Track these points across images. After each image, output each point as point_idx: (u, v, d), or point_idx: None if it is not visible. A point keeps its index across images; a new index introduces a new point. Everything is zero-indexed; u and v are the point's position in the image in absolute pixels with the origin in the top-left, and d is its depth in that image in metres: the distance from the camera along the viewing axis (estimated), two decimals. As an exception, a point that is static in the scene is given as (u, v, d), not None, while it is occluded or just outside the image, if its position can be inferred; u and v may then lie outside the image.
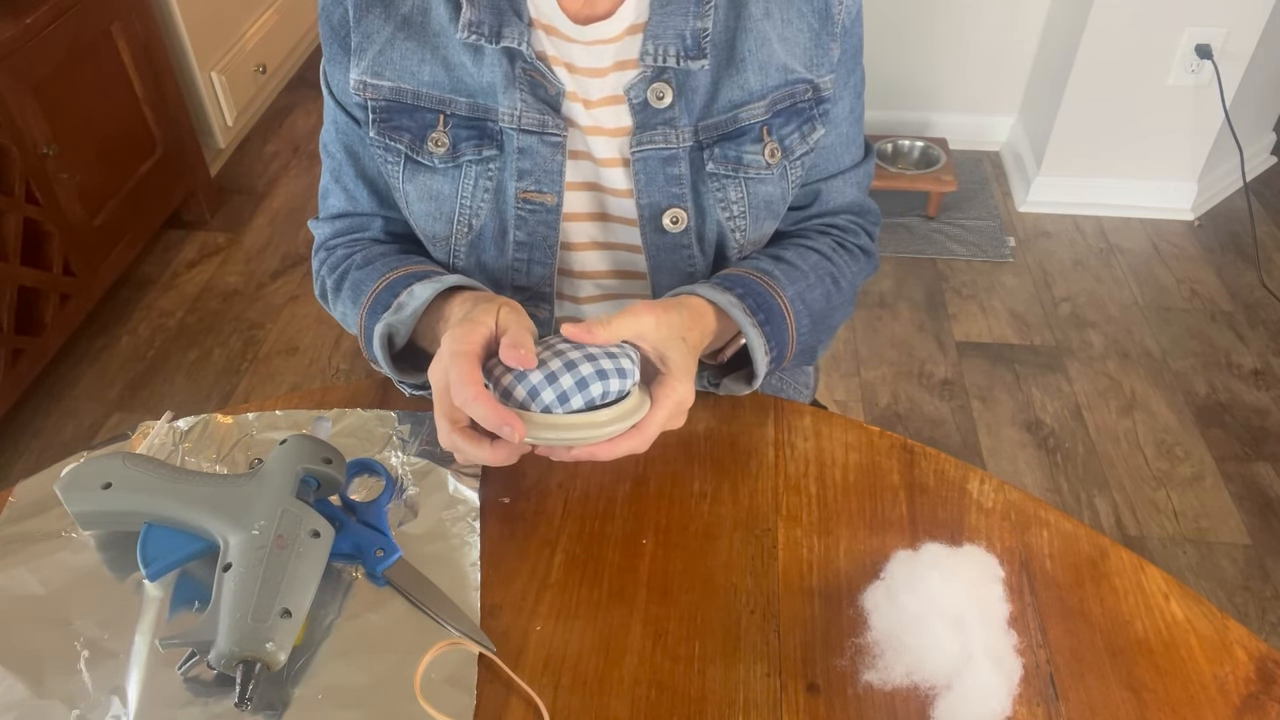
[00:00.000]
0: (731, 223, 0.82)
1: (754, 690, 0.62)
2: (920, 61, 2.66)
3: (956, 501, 0.74)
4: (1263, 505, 1.80)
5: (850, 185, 0.89)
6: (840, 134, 0.85)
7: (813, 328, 0.82)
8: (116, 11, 2.05)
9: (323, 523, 0.65)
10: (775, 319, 0.77)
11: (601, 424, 0.65)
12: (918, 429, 1.95)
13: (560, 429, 0.65)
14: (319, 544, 0.64)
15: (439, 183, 0.80)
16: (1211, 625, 0.66)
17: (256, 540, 0.62)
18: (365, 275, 0.82)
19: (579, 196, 0.82)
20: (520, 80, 0.76)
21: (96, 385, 2.05)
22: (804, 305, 0.81)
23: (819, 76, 0.80)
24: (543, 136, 0.78)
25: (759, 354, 0.76)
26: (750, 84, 0.78)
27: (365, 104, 0.78)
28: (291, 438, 0.70)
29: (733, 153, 0.80)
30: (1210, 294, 2.28)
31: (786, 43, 0.78)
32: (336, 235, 0.89)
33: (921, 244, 2.43)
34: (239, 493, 0.66)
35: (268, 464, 0.68)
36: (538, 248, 0.82)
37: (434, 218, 0.82)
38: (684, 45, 0.75)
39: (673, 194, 0.80)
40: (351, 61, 0.78)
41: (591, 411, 0.65)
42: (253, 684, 0.58)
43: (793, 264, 0.83)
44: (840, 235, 0.89)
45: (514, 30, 0.74)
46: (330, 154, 0.87)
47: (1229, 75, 2.25)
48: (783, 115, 0.80)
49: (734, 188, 0.81)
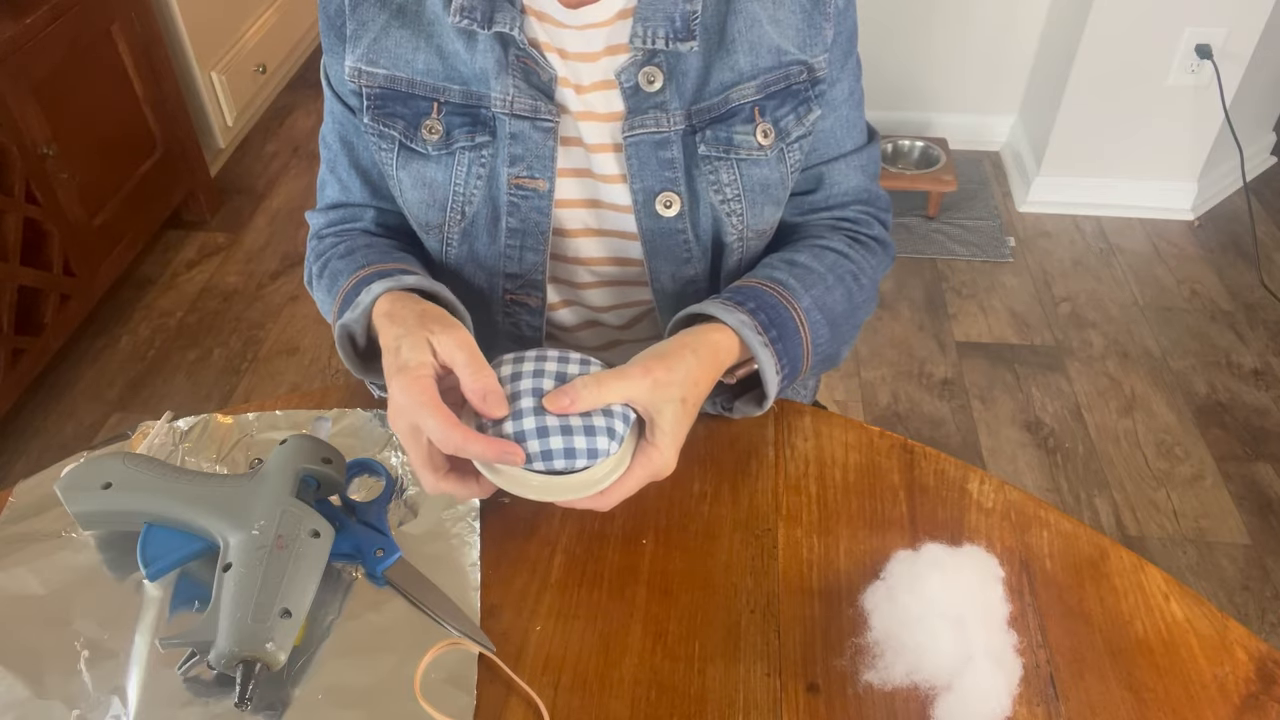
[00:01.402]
0: (725, 206, 0.82)
1: (754, 690, 0.62)
2: (920, 61, 2.66)
3: (956, 501, 0.74)
4: (1263, 505, 1.80)
5: (854, 170, 0.88)
6: (840, 117, 0.85)
7: (832, 334, 0.81)
8: (116, 11, 2.05)
9: (323, 523, 0.65)
10: (788, 334, 0.76)
11: (572, 488, 0.65)
12: (918, 429, 1.95)
13: (529, 488, 0.65)
14: (319, 544, 0.64)
15: (432, 170, 0.80)
16: (1211, 625, 0.66)
17: (256, 540, 0.62)
18: (344, 266, 0.82)
19: (571, 183, 0.82)
20: (513, 66, 0.77)
21: (96, 385, 2.05)
22: (821, 312, 0.79)
23: (812, 57, 0.80)
24: (534, 122, 0.78)
25: (769, 374, 0.74)
26: (741, 65, 0.78)
27: (360, 91, 0.79)
28: (291, 438, 0.70)
29: (724, 134, 0.79)
30: (1210, 294, 2.28)
31: (778, 24, 0.78)
32: (329, 225, 0.89)
33: (921, 244, 2.43)
34: (239, 493, 0.66)
35: (268, 464, 0.68)
36: (530, 234, 0.83)
37: (427, 205, 0.82)
38: (673, 27, 0.75)
39: (666, 178, 0.80)
40: (346, 49, 0.78)
41: (565, 475, 0.65)
42: (253, 684, 0.58)
43: (808, 268, 0.82)
44: (853, 229, 0.88)
45: (506, 16, 0.74)
46: (327, 145, 0.87)
47: (1229, 75, 2.25)
48: (776, 97, 0.80)
49: (725, 170, 0.81)
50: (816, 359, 0.80)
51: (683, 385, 0.69)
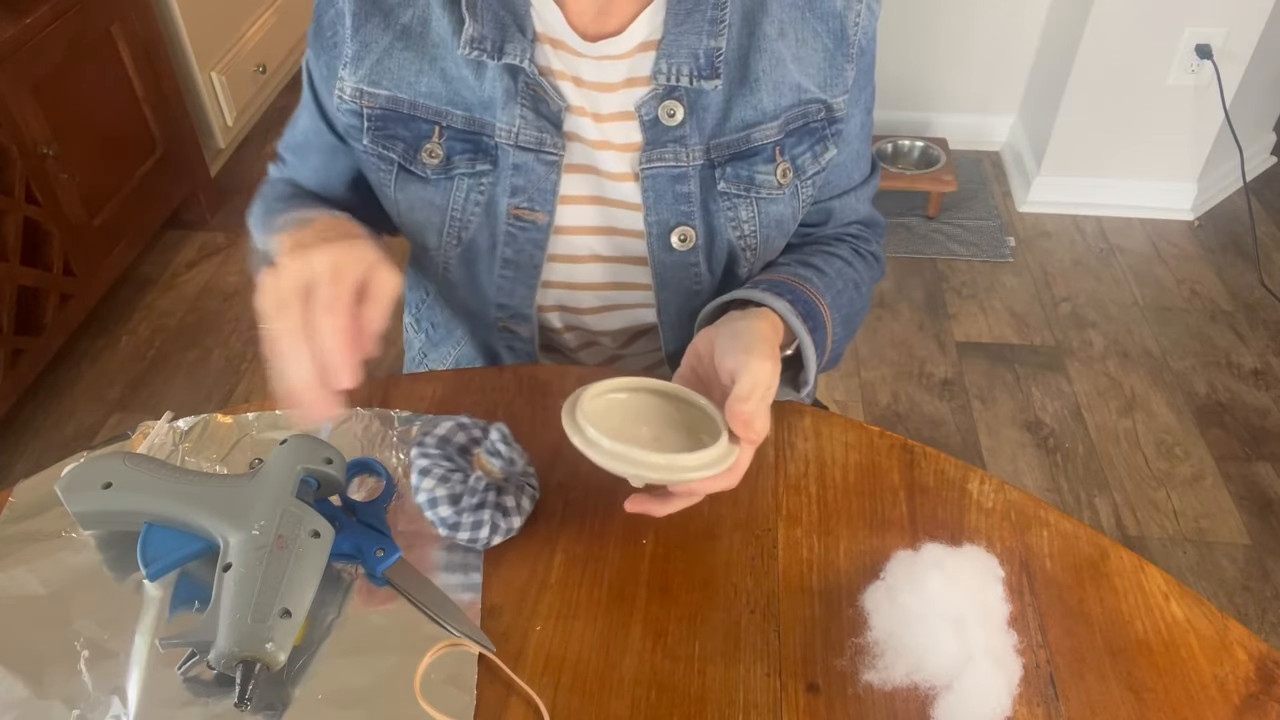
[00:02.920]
0: (743, 241, 0.82)
1: (754, 690, 0.62)
2: (920, 61, 2.66)
3: (956, 501, 0.74)
4: (1263, 505, 1.80)
5: (861, 201, 0.90)
6: (852, 151, 0.85)
7: (844, 332, 0.83)
8: (116, 11, 2.05)
9: (323, 523, 0.65)
10: (819, 326, 0.78)
11: (694, 467, 0.63)
12: (918, 429, 1.95)
13: (650, 467, 0.62)
14: (319, 544, 0.64)
15: (430, 193, 0.80)
16: (1211, 625, 0.66)
17: (257, 540, 0.63)
18: (301, 202, 0.83)
19: (585, 210, 0.81)
20: (522, 94, 0.75)
21: (96, 385, 2.05)
22: (837, 311, 0.82)
23: (833, 97, 0.79)
24: (539, 154, 0.77)
25: (812, 361, 0.76)
26: (764, 104, 0.77)
27: (361, 112, 0.78)
28: (291, 437, 0.70)
29: (745, 172, 0.79)
30: (1210, 294, 2.28)
31: (801, 62, 0.77)
32: (279, 181, 0.91)
33: (921, 244, 2.43)
34: (239, 493, 0.66)
35: (268, 464, 0.68)
36: (523, 268, 0.82)
37: (424, 228, 0.82)
38: (697, 64, 0.74)
39: (681, 211, 0.80)
40: (348, 69, 0.77)
41: (686, 454, 0.63)
42: (252, 684, 0.58)
43: (821, 270, 0.83)
44: (855, 242, 0.90)
45: (516, 46, 0.73)
46: (300, 132, 0.88)
47: (1229, 75, 2.25)
48: (795, 135, 0.80)
49: (745, 207, 0.81)
50: (833, 354, 0.82)
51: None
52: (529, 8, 0.74)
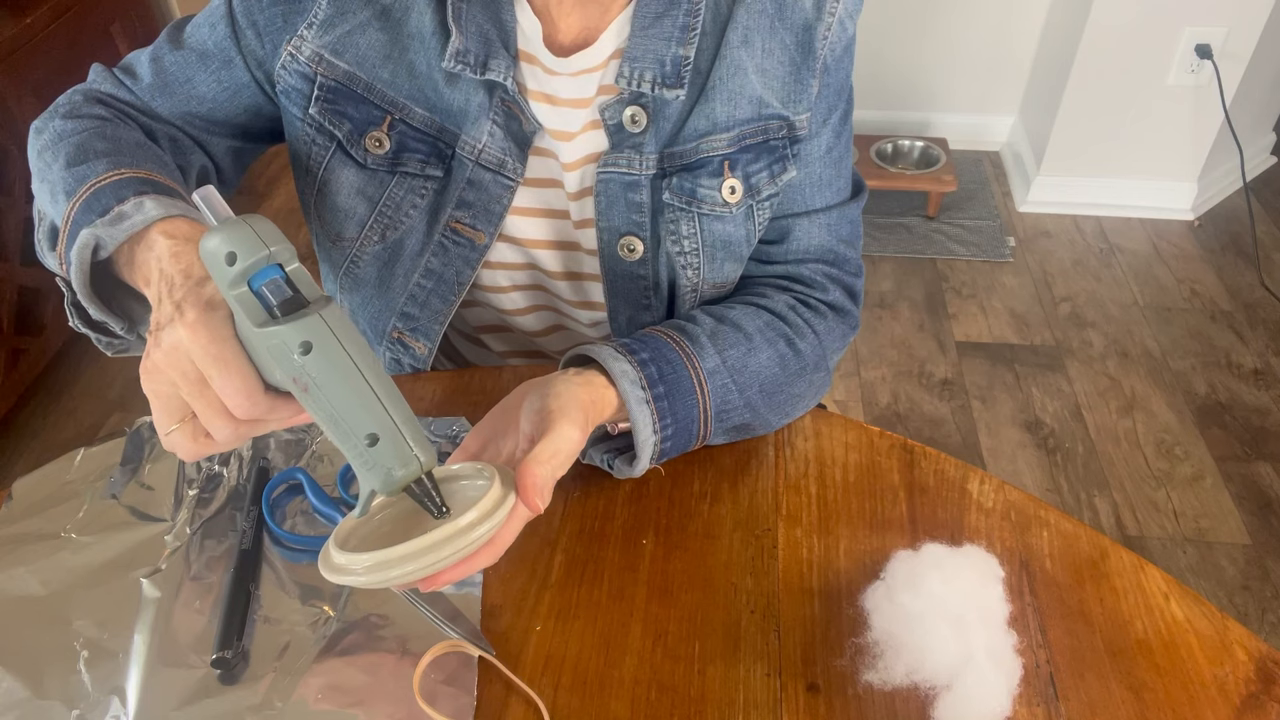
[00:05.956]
0: (682, 258, 0.78)
1: (754, 690, 0.62)
2: (920, 61, 2.66)
3: (956, 501, 0.74)
4: (1263, 505, 1.80)
5: (820, 229, 0.81)
6: (810, 173, 0.79)
7: (751, 400, 0.74)
8: (116, 11, 2.05)
9: (306, 324, 0.49)
10: (679, 393, 0.70)
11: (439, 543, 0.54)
12: (918, 429, 1.95)
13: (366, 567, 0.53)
14: (321, 351, 0.49)
15: (364, 182, 0.76)
16: (1211, 625, 0.66)
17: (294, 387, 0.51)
18: (104, 148, 0.68)
19: (541, 224, 0.80)
20: (496, 110, 0.74)
21: (96, 385, 2.05)
22: (734, 376, 0.73)
23: (795, 114, 0.75)
24: (498, 175, 0.75)
25: (644, 433, 0.68)
26: (716, 114, 0.74)
27: (314, 78, 0.74)
28: (203, 240, 0.50)
29: (688, 184, 0.76)
30: (1210, 294, 2.28)
31: (764, 74, 0.74)
32: (112, 98, 0.77)
33: (921, 244, 2.43)
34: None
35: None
36: (446, 282, 0.79)
37: (345, 216, 0.78)
38: (662, 71, 0.72)
39: (632, 221, 0.77)
40: (315, 31, 0.73)
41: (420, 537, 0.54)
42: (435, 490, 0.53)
43: (736, 325, 0.75)
44: (804, 292, 0.80)
45: (500, 63, 0.71)
46: (178, 42, 0.77)
47: (1229, 75, 2.25)
48: (751, 151, 0.76)
49: (686, 222, 0.77)
50: (724, 425, 0.73)
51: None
52: (515, 24, 0.73)
